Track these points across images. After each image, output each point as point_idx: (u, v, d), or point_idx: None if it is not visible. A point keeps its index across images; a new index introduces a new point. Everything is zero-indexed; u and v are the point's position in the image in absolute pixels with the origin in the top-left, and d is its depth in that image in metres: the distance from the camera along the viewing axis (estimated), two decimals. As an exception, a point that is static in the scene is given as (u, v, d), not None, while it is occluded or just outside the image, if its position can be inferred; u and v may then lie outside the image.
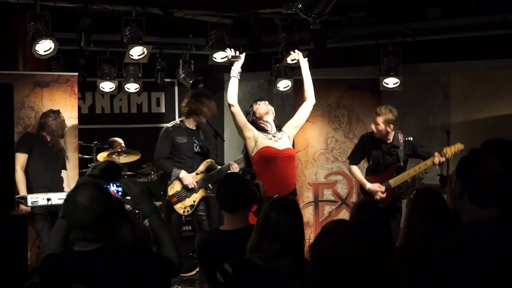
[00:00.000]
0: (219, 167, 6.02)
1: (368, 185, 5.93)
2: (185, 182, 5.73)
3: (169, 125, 6.06)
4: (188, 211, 5.86)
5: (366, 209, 3.12)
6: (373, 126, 5.93)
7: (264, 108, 5.14)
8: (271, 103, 5.42)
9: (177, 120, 6.03)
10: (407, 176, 5.90)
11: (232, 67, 5.07)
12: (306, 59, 5.34)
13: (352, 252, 2.43)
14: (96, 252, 2.52)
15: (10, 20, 6.67)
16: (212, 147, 6.11)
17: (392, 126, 5.90)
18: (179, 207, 5.81)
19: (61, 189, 5.86)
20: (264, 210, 2.94)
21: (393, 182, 5.91)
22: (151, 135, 8.87)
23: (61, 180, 5.90)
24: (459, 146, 5.84)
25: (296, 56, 5.36)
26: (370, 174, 6.07)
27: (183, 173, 5.74)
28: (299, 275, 2.64)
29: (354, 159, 6.15)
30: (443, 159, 5.75)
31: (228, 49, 5.17)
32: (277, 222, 2.85)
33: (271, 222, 2.86)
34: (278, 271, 2.77)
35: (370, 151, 6.02)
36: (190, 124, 5.93)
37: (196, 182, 5.83)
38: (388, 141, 5.95)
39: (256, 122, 5.09)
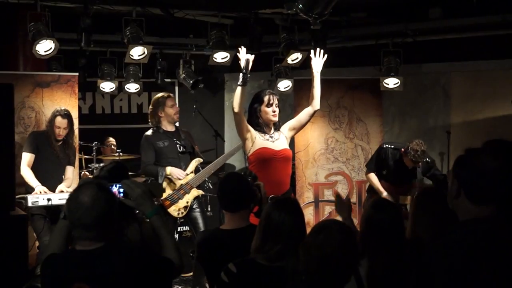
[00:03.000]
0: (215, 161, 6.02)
1: (385, 193, 5.98)
2: (175, 176, 5.70)
3: (147, 132, 6.02)
4: (182, 212, 5.83)
5: (381, 207, 3.11)
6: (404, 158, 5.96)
7: (273, 117, 5.00)
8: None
9: (154, 126, 5.98)
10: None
11: (240, 75, 4.88)
12: (323, 61, 5.14)
13: (343, 248, 2.44)
14: (98, 251, 2.52)
15: (11, 20, 6.67)
16: (197, 145, 6.08)
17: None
18: (173, 210, 5.79)
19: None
20: (266, 211, 2.94)
21: (402, 199, 5.95)
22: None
23: (59, 183, 5.85)
24: None
25: (312, 55, 5.15)
26: (384, 180, 6.09)
27: (169, 169, 5.71)
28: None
29: (372, 167, 6.17)
30: None
31: (241, 49, 4.95)
32: (279, 222, 2.86)
33: (274, 222, 2.87)
34: (282, 271, 2.77)
35: (389, 164, 6.05)
36: (167, 127, 5.90)
37: (187, 183, 5.80)
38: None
39: (259, 124, 5.02)
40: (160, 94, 6.05)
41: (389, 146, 6.17)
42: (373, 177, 6.11)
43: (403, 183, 6.04)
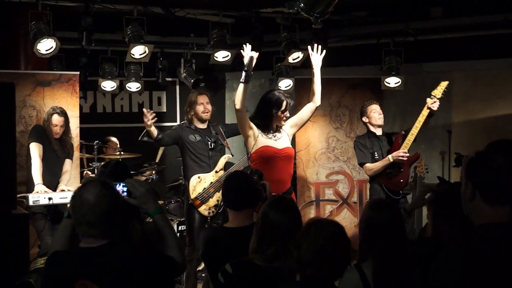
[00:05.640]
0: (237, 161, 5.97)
1: (390, 157, 5.68)
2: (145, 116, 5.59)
3: (181, 123, 6.01)
4: (213, 211, 5.71)
5: (379, 208, 3.12)
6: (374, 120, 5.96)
7: (284, 121, 5.02)
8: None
9: (187, 120, 5.95)
10: (412, 137, 5.69)
11: (243, 73, 4.86)
12: (321, 57, 5.12)
13: (335, 239, 2.46)
14: (102, 248, 2.53)
15: (12, 19, 6.67)
16: (226, 141, 5.97)
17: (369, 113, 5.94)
18: (204, 209, 5.68)
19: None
20: (262, 211, 2.96)
21: (403, 147, 5.77)
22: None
23: (59, 179, 5.85)
24: (443, 83, 5.77)
25: (310, 51, 5.13)
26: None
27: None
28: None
29: (364, 159, 6.00)
30: (434, 100, 5.69)
31: (246, 46, 4.91)
32: (276, 221, 2.87)
33: (270, 222, 2.88)
34: (279, 272, 2.77)
35: (372, 145, 5.97)
36: (198, 124, 5.87)
37: (217, 180, 5.74)
38: (381, 132, 5.98)
39: (269, 126, 5.00)
40: (193, 92, 5.97)
41: (360, 134, 6.19)
42: (370, 164, 5.94)
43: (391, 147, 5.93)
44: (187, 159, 5.76)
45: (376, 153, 5.87)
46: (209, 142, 5.77)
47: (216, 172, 5.75)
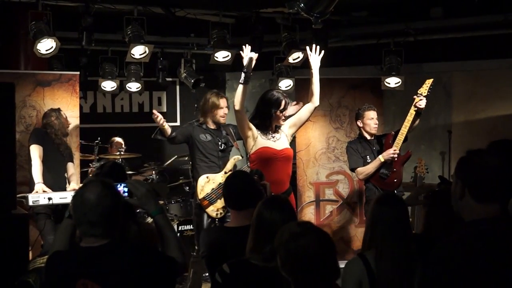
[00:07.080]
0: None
1: (381, 157, 5.75)
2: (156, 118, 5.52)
3: (192, 122, 5.97)
4: (221, 213, 5.66)
5: (385, 202, 3.13)
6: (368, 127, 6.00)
7: (282, 121, 5.02)
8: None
9: (200, 120, 5.92)
10: (402, 136, 5.72)
11: (242, 74, 4.86)
12: (320, 57, 5.12)
13: (325, 248, 2.44)
14: (103, 248, 2.53)
15: (12, 19, 6.67)
16: (236, 141, 5.89)
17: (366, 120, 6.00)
18: (212, 210, 5.66)
19: (62, 189, 5.83)
20: (257, 210, 2.97)
21: (394, 147, 5.76)
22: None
23: (63, 180, 5.88)
24: (428, 81, 5.79)
25: (308, 52, 5.14)
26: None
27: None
28: None
29: (356, 164, 6.00)
30: (421, 98, 5.71)
31: (245, 47, 4.91)
32: (270, 220, 2.89)
33: (265, 221, 2.90)
34: (275, 271, 2.77)
35: (363, 149, 5.98)
36: (211, 125, 5.85)
37: None
38: (372, 137, 6.02)
39: (267, 126, 5.00)
40: (214, 94, 5.87)
41: (351, 139, 6.28)
42: (361, 168, 5.92)
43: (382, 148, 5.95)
44: (196, 158, 5.75)
45: (368, 157, 5.92)
46: (219, 143, 5.76)
47: (225, 173, 5.72)
